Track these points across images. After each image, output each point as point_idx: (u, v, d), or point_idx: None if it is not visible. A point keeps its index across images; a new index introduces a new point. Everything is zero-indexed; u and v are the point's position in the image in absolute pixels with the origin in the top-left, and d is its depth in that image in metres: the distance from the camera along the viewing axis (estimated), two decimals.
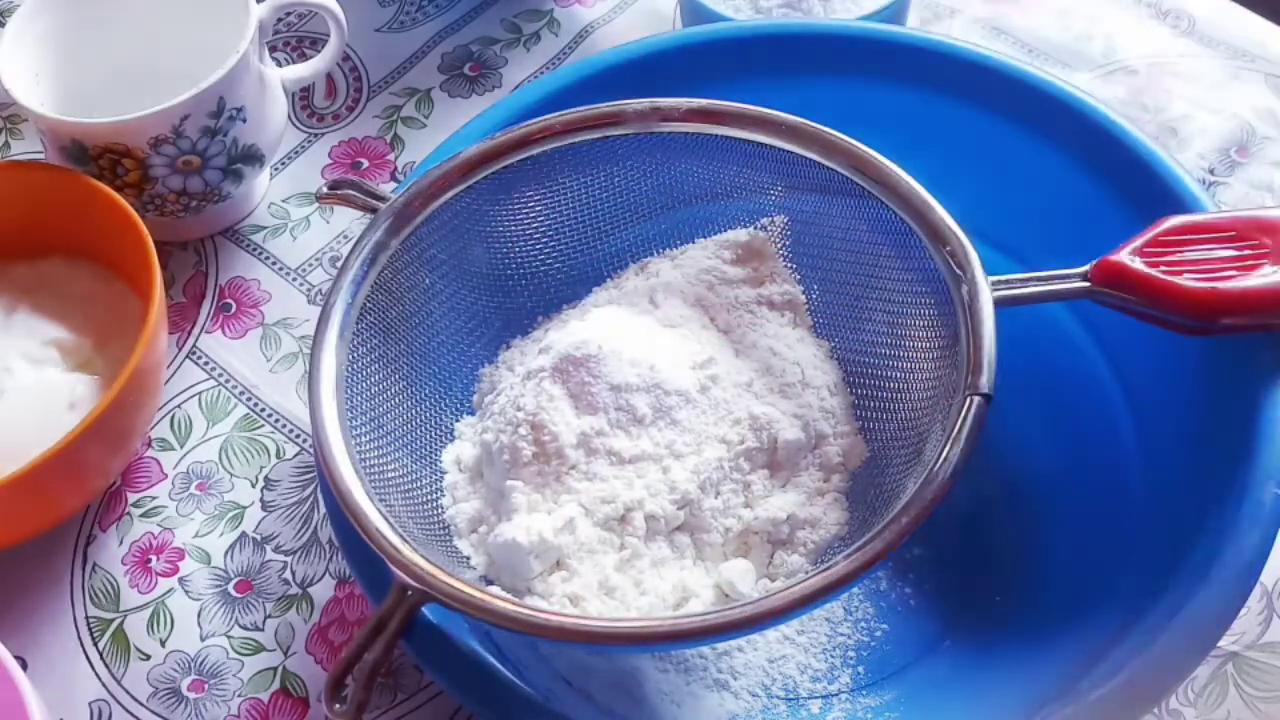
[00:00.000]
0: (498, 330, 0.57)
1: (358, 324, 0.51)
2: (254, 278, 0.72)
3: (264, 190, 0.76)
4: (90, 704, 0.58)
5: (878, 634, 0.57)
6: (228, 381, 0.68)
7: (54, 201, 0.65)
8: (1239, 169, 0.72)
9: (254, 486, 0.64)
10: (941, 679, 0.56)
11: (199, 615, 0.60)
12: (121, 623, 0.60)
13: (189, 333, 0.70)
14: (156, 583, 0.61)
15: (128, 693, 0.58)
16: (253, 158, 0.70)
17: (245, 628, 0.59)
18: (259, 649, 0.59)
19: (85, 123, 0.65)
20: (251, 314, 0.71)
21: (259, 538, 0.62)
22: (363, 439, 0.49)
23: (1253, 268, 0.47)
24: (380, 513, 0.45)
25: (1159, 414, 0.55)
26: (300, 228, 0.74)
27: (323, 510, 0.63)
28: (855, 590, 0.58)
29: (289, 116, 0.75)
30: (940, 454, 0.44)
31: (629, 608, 0.47)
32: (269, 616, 0.60)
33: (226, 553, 0.62)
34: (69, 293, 0.66)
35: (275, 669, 0.58)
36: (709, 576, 0.49)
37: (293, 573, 0.61)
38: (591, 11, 0.83)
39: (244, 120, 0.68)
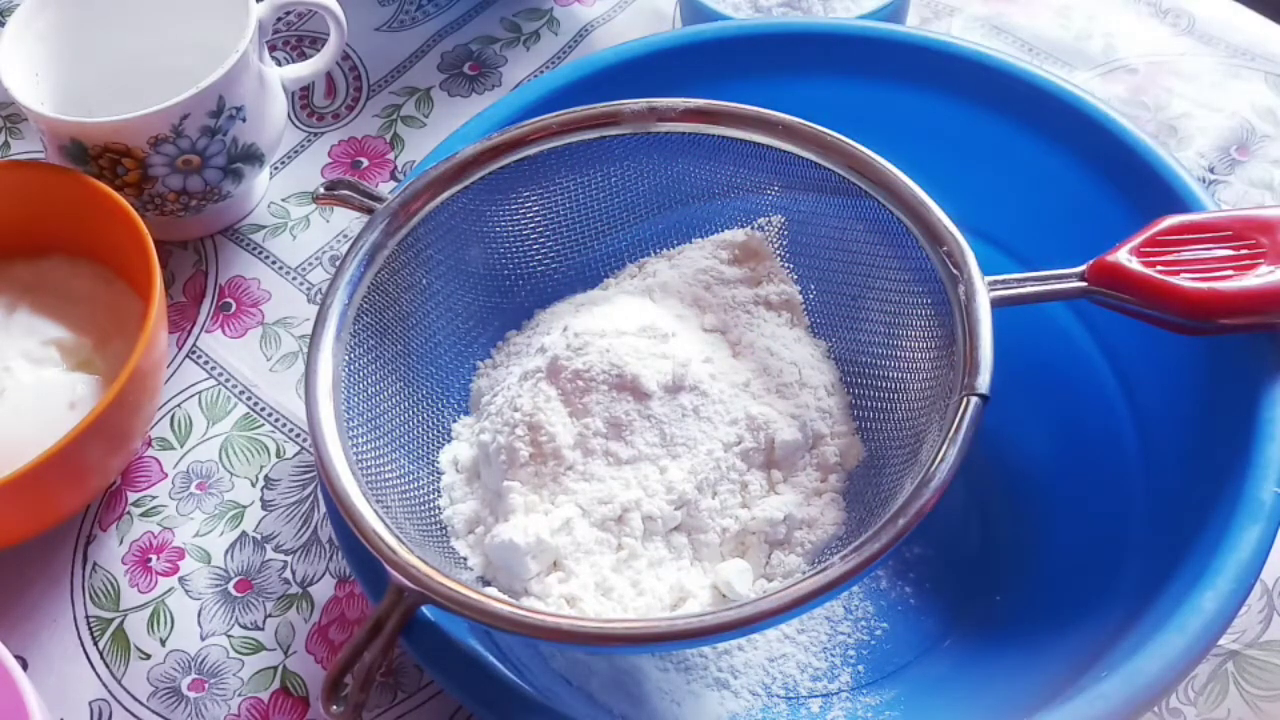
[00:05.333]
0: (495, 331, 0.57)
1: (355, 325, 0.51)
2: (254, 277, 0.72)
3: (264, 189, 0.76)
4: (90, 703, 0.58)
5: (878, 633, 0.57)
6: (228, 381, 0.68)
7: (54, 201, 0.65)
8: (1239, 167, 0.72)
9: (254, 486, 0.64)
10: (941, 678, 0.56)
11: (199, 614, 0.60)
12: (121, 622, 0.60)
13: (189, 332, 0.70)
14: (156, 582, 0.61)
15: (128, 692, 0.58)
16: (252, 157, 0.70)
17: (245, 627, 0.59)
18: (259, 648, 0.59)
19: (85, 122, 0.65)
20: (251, 313, 0.71)
21: (259, 537, 0.62)
22: (360, 440, 0.49)
23: (1249, 267, 0.47)
24: (377, 514, 0.46)
25: (1159, 413, 0.55)
26: (300, 227, 0.75)
27: (323, 509, 0.63)
28: (855, 589, 0.58)
29: (289, 116, 0.75)
30: (937, 454, 0.44)
31: (626, 608, 0.47)
32: (269, 616, 0.60)
33: (226, 552, 0.62)
34: (69, 292, 0.66)
35: (275, 668, 0.58)
36: (706, 577, 0.49)
37: (293, 572, 0.61)
38: (591, 10, 0.83)
39: (244, 119, 0.68)
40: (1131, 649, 0.43)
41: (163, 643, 0.59)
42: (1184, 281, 0.47)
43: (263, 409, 0.67)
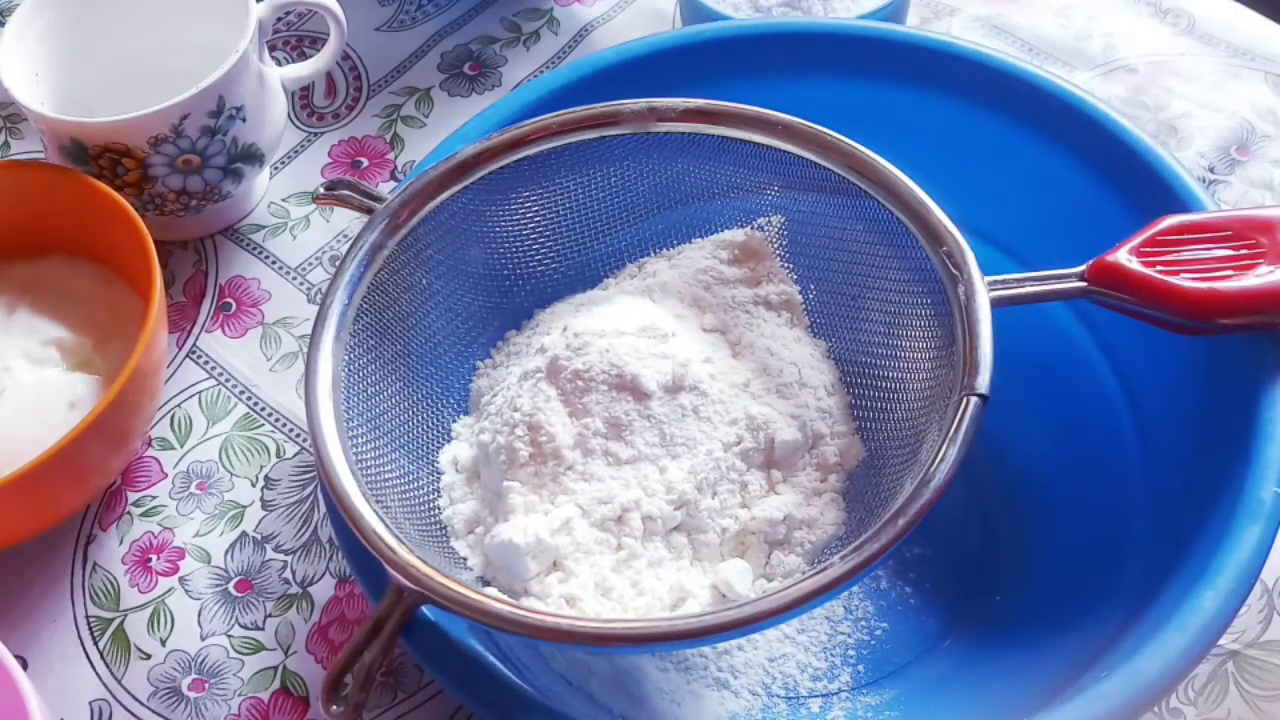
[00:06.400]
0: (495, 331, 0.57)
1: (354, 325, 0.51)
2: (254, 277, 0.72)
3: (264, 189, 0.76)
4: (90, 703, 0.58)
5: (878, 633, 0.57)
6: (228, 381, 0.68)
7: (54, 201, 0.65)
8: (1239, 167, 0.72)
9: (254, 486, 0.64)
10: (941, 677, 0.56)
11: (199, 614, 0.60)
12: (122, 622, 0.60)
13: (189, 332, 0.70)
14: (157, 582, 0.61)
15: (128, 692, 0.58)
16: (252, 157, 0.70)
17: (245, 627, 0.59)
18: (259, 648, 0.59)
19: (85, 122, 0.65)
20: (251, 313, 0.71)
21: (259, 537, 0.62)
22: (360, 440, 0.49)
23: (1249, 267, 0.47)
24: (377, 514, 0.46)
25: (1159, 413, 0.55)
26: (300, 227, 0.75)
27: (323, 509, 0.63)
28: (855, 589, 0.58)
29: (289, 116, 0.75)
30: (937, 454, 0.44)
31: (626, 608, 0.47)
32: (269, 616, 0.60)
33: (226, 552, 0.62)
34: (69, 292, 0.66)
35: (275, 668, 0.58)
36: (706, 577, 0.49)
37: (293, 572, 0.61)
38: (591, 10, 0.83)
39: (244, 119, 0.68)
40: (1131, 649, 0.43)
41: (163, 643, 0.59)
42: (1184, 281, 0.47)
43: (263, 409, 0.67)
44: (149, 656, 0.59)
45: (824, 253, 0.55)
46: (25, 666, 0.58)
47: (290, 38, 0.84)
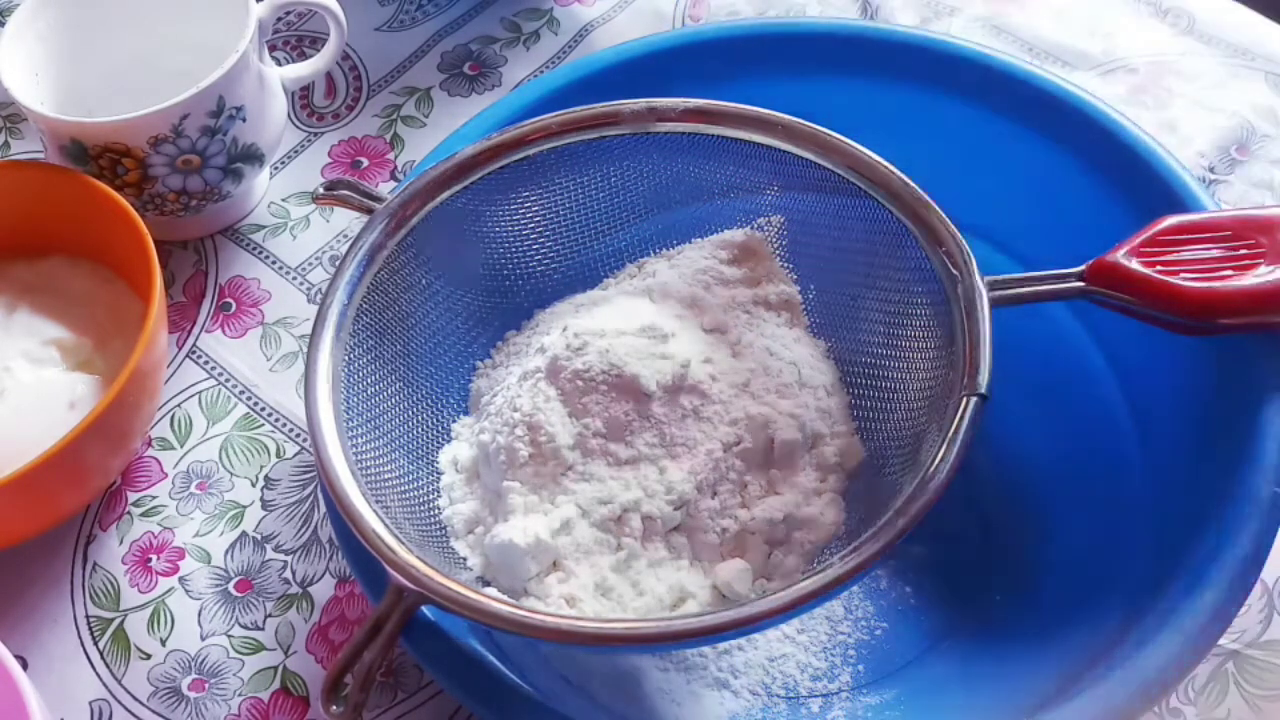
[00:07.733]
0: (495, 331, 0.57)
1: (354, 324, 0.51)
2: (254, 277, 0.72)
3: (264, 189, 0.76)
4: (90, 703, 0.58)
5: (878, 633, 0.57)
6: (228, 381, 0.68)
7: (54, 201, 0.65)
8: (1239, 167, 0.72)
9: (254, 486, 0.64)
10: (941, 677, 0.56)
11: (199, 614, 0.60)
12: (122, 622, 0.60)
13: (189, 332, 0.70)
14: (157, 582, 0.61)
15: (128, 692, 0.58)
16: (252, 157, 0.70)
17: (245, 627, 0.59)
18: (259, 648, 0.59)
19: (85, 122, 0.65)
20: (251, 313, 0.71)
21: (259, 537, 0.62)
22: (359, 440, 0.49)
23: (1249, 267, 0.47)
24: (377, 514, 0.46)
25: (1159, 413, 0.55)
26: (300, 227, 0.75)
27: (323, 509, 0.63)
28: (855, 589, 0.58)
29: (289, 115, 0.75)
30: (936, 454, 0.44)
31: (626, 609, 0.47)
32: (269, 616, 0.60)
33: (226, 552, 0.62)
34: (69, 292, 0.66)
35: (275, 668, 0.58)
36: (706, 577, 0.49)
37: (293, 572, 0.61)
38: (591, 10, 0.83)
39: (244, 119, 0.68)
40: (1131, 649, 0.44)
41: (163, 643, 0.59)
42: (1183, 281, 0.47)
43: (263, 409, 0.67)
44: (149, 656, 0.59)
45: (824, 253, 0.55)
46: (25, 666, 0.58)
47: (290, 38, 0.84)
